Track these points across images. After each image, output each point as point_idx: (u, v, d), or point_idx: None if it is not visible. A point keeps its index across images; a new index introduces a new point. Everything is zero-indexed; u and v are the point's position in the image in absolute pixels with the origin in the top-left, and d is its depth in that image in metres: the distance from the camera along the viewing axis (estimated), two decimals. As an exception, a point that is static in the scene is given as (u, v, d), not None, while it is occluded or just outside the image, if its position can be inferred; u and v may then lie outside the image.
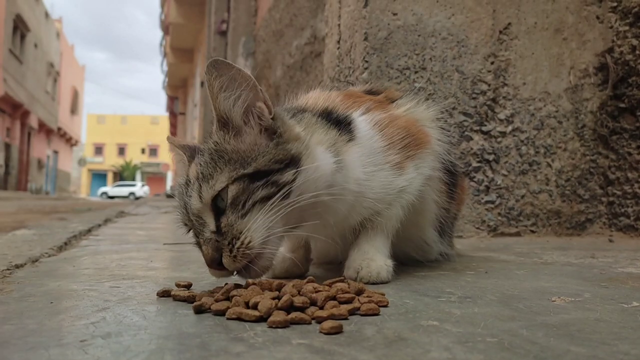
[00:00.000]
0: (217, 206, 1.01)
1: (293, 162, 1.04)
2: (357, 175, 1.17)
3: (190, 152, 1.15)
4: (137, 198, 30.48)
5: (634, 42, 2.59)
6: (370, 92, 1.45)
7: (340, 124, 1.20)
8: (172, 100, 25.91)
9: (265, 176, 1.01)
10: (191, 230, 1.07)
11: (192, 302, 0.92)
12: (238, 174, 1.00)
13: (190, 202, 1.03)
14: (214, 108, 1.06)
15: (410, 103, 1.38)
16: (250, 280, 0.99)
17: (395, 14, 2.44)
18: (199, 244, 1.05)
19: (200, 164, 1.05)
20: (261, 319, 0.82)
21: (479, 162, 2.51)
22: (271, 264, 1.05)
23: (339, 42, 2.72)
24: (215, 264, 1.00)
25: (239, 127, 1.06)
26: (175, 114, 25.12)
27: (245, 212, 0.99)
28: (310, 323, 0.81)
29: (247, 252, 0.98)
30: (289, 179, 1.02)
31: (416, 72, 2.45)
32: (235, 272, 1.02)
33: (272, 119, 1.07)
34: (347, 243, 1.28)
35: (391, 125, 1.25)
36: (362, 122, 1.23)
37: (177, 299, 0.98)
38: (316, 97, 1.31)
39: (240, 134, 1.06)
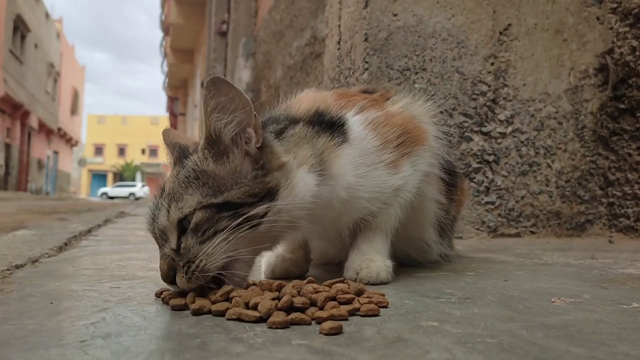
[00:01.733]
0: (183, 226, 0.99)
1: (269, 195, 1.02)
2: (347, 181, 1.16)
3: (178, 154, 1.12)
4: (137, 198, 30.48)
5: (634, 43, 2.59)
6: (365, 92, 1.43)
7: (332, 125, 1.18)
8: (172, 100, 25.93)
9: (235, 208, 0.99)
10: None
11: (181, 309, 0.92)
12: (207, 202, 0.98)
13: (157, 217, 1.02)
14: (205, 125, 1.03)
15: (407, 99, 1.37)
16: (250, 281, 0.99)
17: (395, 15, 2.44)
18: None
19: (176, 180, 1.03)
20: (261, 320, 0.82)
21: (479, 163, 2.51)
22: (243, 279, 1.03)
23: (339, 43, 2.73)
24: (168, 281, 0.99)
25: (226, 149, 1.03)
26: (175, 115, 25.12)
27: (204, 238, 0.97)
28: (310, 324, 0.81)
29: (201, 275, 0.97)
30: (259, 213, 1.00)
31: (416, 73, 2.45)
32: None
33: (258, 148, 1.04)
34: (346, 244, 1.28)
35: (386, 123, 1.24)
36: (356, 122, 1.22)
37: (175, 308, 0.95)
38: (309, 98, 1.28)
39: (225, 157, 1.03)
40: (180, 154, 1.11)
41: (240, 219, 0.98)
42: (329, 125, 1.18)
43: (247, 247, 1.00)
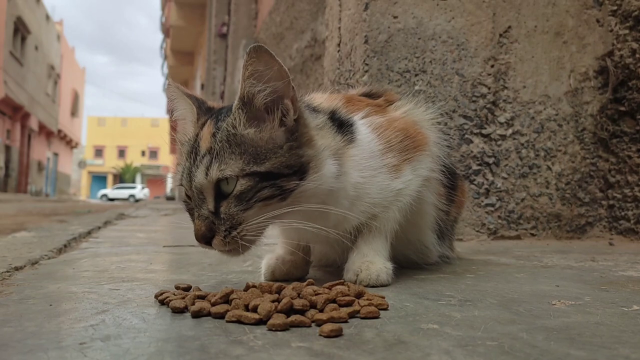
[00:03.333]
0: (220, 188, 1.03)
1: (301, 170, 1.06)
2: (355, 180, 1.18)
3: (199, 104, 1.15)
4: (137, 200, 30.47)
5: (634, 45, 2.59)
6: (368, 95, 1.45)
7: (342, 126, 1.20)
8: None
9: (273, 178, 1.03)
10: (185, 194, 1.10)
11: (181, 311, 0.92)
12: (251, 169, 1.02)
13: (195, 174, 1.05)
14: (241, 88, 1.05)
15: (409, 105, 1.39)
16: (250, 283, 0.99)
17: (395, 17, 2.45)
18: (190, 212, 1.09)
19: (214, 140, 1.05)
20: (261, 322, 0.82)
21: (479, 165, 2.51)
22: (252, 246, 1.09)
23: (339, 45, 2.73)
24: (204, 241, 1.04)
25: (260, 114, 1.06)
26: (175, 117, 25.08)
27: (248, 207, 1.02)
28: (310, 326, 0.81)
29: (239, 240, 1.03)
30: (291, 187, 1.04)
31: (416, 75, 2.46)
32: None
33: (295, 120, 1.08)
34: (346, 246, 1.28)
35: (389, 128, 1.26)
36: (362, 125, 1.24)
37: (175, 310, 0.93)
38: (320, 98, 1.31)
39: (260, 123, 1.06)
40: (200, 105, 1.15)
41: (277, 191, 1.03)
42: (339, 125, 1.20)
43: (274, 217, 1.06)
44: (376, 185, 1.21)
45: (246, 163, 1.02)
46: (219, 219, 1.03)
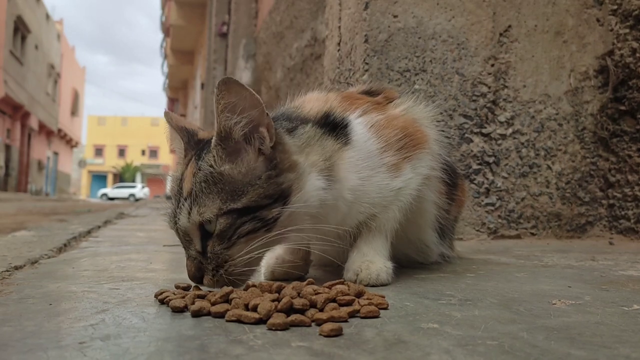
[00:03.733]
0: (204, 228, 1.03)
1: (282, 196, 1.05)
2: (352, 184, 1.17)
3: (188, 138, 1.14)
4: (137, 200, 30.47)
5: (634, 44, 2.59)
6: (368, 92, 1.44)
7: (336, 127, 1.19)
8: (172, 102, 25.94)
9: (253, 212, 1.02)
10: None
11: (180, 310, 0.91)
12: (228, 207, 1.01)
13: (179, 217, 1.05)
14: (217, 123, 1.04)
15: (409, 102, 1.38)
16: (250, 282, 0.99)
17: (395, 17, 2.45)
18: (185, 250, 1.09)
19: (194, 181, 1.04)
20: (261, 321, 0.82)
21: (479, 164, 2.51)
22: (252, 276, 1.09)
23: (339, 44, 2.73)
24: (196, 281, 1.05)
25: (238, 147, 1.05)
26: (175, 116, 25.09)
27: (231, 244, 1.02)
28: (310, 325, 0.81)
29: (229, 278, 1.03)
30: (274, 215, 1.04)
31: (416, 75, 2.45)
32: None
33: (271, 147, 1.06)
34: (346, 246, 1.28)
35: (388, 126, 1.25)
36: (359, 124, 1.23)
37: (175, 310, 0.93)
38: (315, 99, 1.30)
39: (238, 156, 1.04)
40: (189, 138, 1.14)
41: (258, 223, 1.02)
42: (333, 127, 1.19)
43: (263, 248, 1.05)
44: (375, 185, 1.20)
45: (223, 202, 1.01)
46: (205, 258, 1.03)
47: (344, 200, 1.16)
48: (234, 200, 1.02)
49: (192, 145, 1.13)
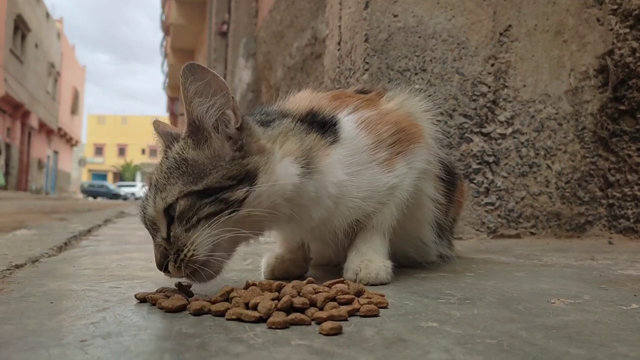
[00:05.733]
0: (170, 215, 1.02)
1: (248, 177, 1.04)
2: (338, 178, 1.16)
3: (169, 142, 1.14)
4: (137, 198, 30.45)
5: (634, 44, 2.59)
6: (362, 92, 1.43)
7: (325, 125, 1.19)
8: (172, 101, 25.91)
9: (215, 193, 1.01)
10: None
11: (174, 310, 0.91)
12: (188, 189, 1.01)
13: (146, 208, 1.05)
14: (186, 113, 1.05)
15: (403, 96, 1.36)
16: (250, 281, 0.99)
17: (395, 16, 2.45)
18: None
19: (159, 171, 1.06)
20: (261, 320, 0.82)
21: (478, 164, 2.52)
22: (218, 270, 1.06)
23: (339, 43, 2.73)
24: (163, 269, 1.03)
25: (209, 134, 1.05)
26: (175, 115, 25.12)
27: (189, 226, 1.00)
28: (309, 324, 0.82)
29: (190, 263, 1.01)
30: (239, 197, 1.02)
31: (416, 74, 2.46)
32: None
33: (237, 129, 1.06)
34: (344, 245, 1.28)
35: (379, 122, 1.24)
36: (348, 122, 1.22)
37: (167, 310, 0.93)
38: (304, 98, 1.30)
39: (207, 143, 1.05)
40: (171, 141, 1.13)
41: (221, 204, 1.01)
42: (321, 125, 1.19)
43: (229, 233, 1.02)
44: (365, 180, 1.19)
45: (184, 184, 1.02)
46: (169, 243, 1.02)
47: (327, 194, 1.15)
48: (195, 182, 1.02)
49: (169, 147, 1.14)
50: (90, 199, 29.99)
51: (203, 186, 1.01)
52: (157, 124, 1.22)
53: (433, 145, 1.33)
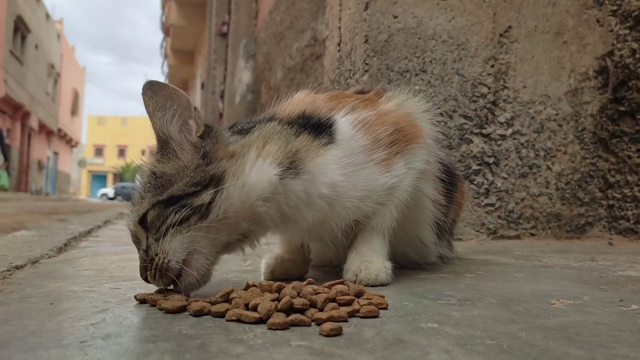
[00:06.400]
0: (146, 226, 1.05)
1: (213, 182, 1.05)
2: (332, 179, 1.16)
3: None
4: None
5: (634, 45, 2.59)
6: (361, 92, 1.43)
7: (320, 127, 1.19)
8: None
9: (178, 200, 1.03)
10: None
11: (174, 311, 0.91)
12: (155, 200, 1.04)
13: (129, 222, 1.09)
14: (153, 128, 1.09)
15: (402, 96, 1.36)
16: (250, 282, 0.99)
17: (395, 17, 2.45)
18: None
19: (139, 186, 1.10)
20: (261, 321, 0.82)
21: (479, 165, 2.52)
22: (203, 277, 1.05)
23: (339, 44, 2.73)
24: (144, 278, 1.05)
25: (174, 146, 1.08)
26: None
27: (158, 236, 1.02)
28: (309, 325, 0.82)
29: (164, 271, 1.01)
30: (205, 201, 1.03)
31: (416, 75, 2.46)
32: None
33: (200, 137, 1.08)
34: (344, 246, 1.28)
35: (377, 122, 1.24)
36: (344, 122, 1.21)
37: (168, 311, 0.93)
38: (299, 101, 1.29)
39: (174, 154, 1.08)
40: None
41: (185, 210, 1.02)
42: (315, 127, 1.19)
43: (203, 240, 1.03)
44: (361, 180, 1.19)
45: (153, 196, 1.05)
46: (147, 254, 1.04)
47: (319, 194, 1.14)
48: (162, 193, 1.04)
49: None
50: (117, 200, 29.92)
51: (167, 195, 1.04)
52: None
53: (432, 145, 1.33)
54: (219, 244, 1.07)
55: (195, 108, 1.08)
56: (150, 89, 1.05)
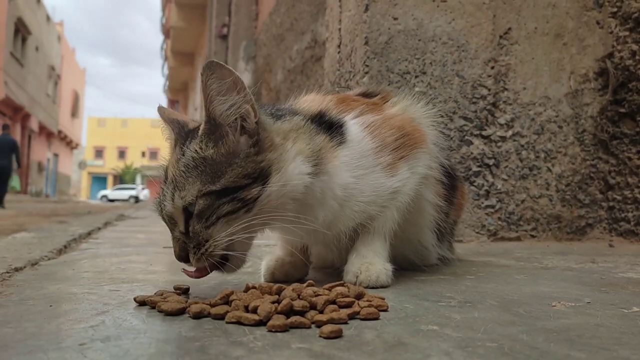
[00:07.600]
0: (188, 210, 1.05)
1: (261, 176, 1.06)
2: (345, 181, 1.17)
3: (178, 129, 1.16)
4: (137, 201, 30.49)
5: (634, 47, 2.59)
6: (365, 94, 1.44)
7: (331, 127, 1.20)
8: (172, 103, 25.95)
9: (232, 192, 1.04)
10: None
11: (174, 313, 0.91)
12: (206, 189, 1.03)
13: (163, 203, 1.08)
14: (206, 111, 1.06)
15: (406, 101, 1.37)
16: (250, 284, 0.99)
17: (395, 19, 2.45)
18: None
19: (177, 168, 1.07)
20: (261, 323, 0.82)
21: (479, 166, 2.51)
22: (242, 261, 1.12)
23: (339, 46, 2.73)
24: (182, 261, 1.08)
25: (226, 132, 1.06)
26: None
27: (209, 224, 1.04)
28: (310, 327, 0.81)
29: (210, 257, 1.06)
30: (254, 196, 1.05)
31: (416, 77, 2.46)
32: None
33: (256, 122, 1.08)
34: (345, 248, 1.28)
35: (384, 126, 1.25)
36: (354, 125, 1.23)
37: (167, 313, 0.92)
38: (311, 100, 1.30)
39: (224, 140, 1.06)
40: (180, 130, 1.15)
41: (238, 203, 1.04)
42: (328, 127, 1.20)
43: (245, 229, 1.06)
44: (369, 184, 1.20)
45: (203, 184, 1.04)
46: (188, 237, 1.06)
47: (333, 196, 1.16)
48: (214, 182, 1.04)
49: (182, 135, 1.15)
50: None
51: (221, 186, 1.04)
52: (161, 110, 1.23)
53: (435, 150, 1.34)
54: (254, 232, 1.11)
55: (249, 93, 1.07)
56: (212, 71, 1.02)
